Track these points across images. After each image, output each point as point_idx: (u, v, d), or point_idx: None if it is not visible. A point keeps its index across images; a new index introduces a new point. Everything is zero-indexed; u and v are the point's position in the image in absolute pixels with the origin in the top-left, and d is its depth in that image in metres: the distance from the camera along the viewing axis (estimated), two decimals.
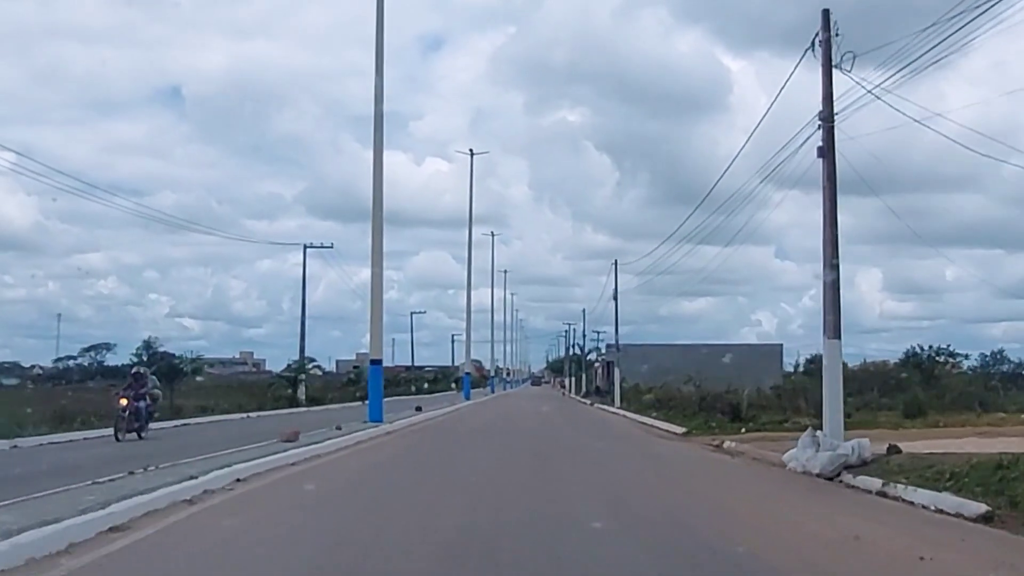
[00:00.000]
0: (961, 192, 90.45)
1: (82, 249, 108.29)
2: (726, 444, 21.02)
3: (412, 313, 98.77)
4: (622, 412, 41.51)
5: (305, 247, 52.71)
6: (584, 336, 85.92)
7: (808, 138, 15.93)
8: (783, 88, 16.73)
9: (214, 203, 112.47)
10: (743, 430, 25.40)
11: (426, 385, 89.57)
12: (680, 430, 27.23)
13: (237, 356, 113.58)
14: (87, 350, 69.56)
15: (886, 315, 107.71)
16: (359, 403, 55.80)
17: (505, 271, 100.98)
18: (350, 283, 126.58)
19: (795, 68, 16.06)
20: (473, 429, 24.27)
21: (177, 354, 40.08)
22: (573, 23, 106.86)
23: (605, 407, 49.08)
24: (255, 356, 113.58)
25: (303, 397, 50.86)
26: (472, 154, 57.63)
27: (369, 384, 23.12)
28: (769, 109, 19.29)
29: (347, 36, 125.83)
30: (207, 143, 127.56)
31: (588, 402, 62.51)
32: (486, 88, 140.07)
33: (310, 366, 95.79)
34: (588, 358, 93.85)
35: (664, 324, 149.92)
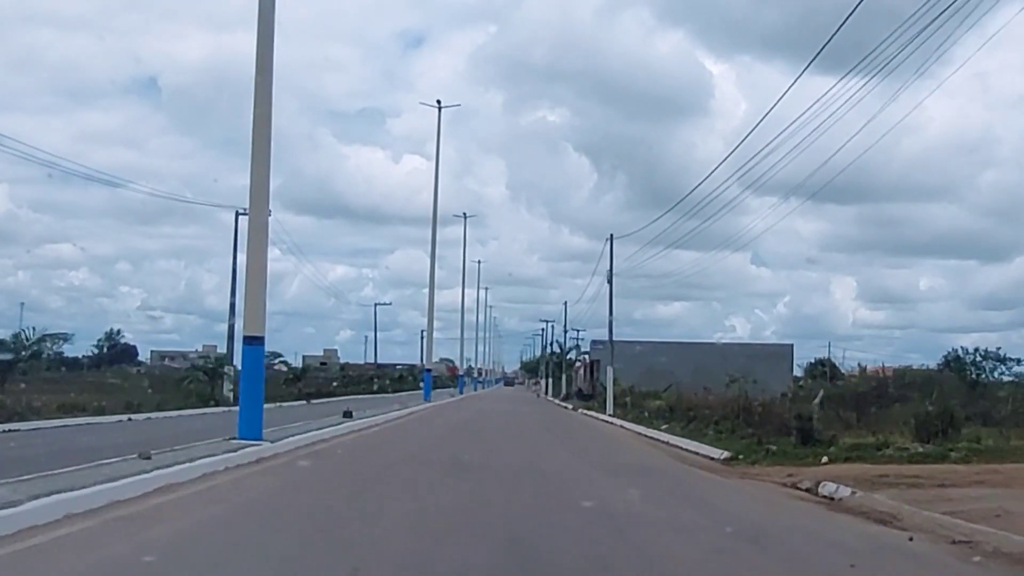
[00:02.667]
0: (936, 202, 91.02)
1: (54, 239, 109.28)
2: (829, 489, 12.30)
3: (376, 304, 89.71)
4: (618, 422, 32.69)
5: (237, 213, 43.66)
6: (565, 332, 76.76)
7: None
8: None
9: (189, 195, 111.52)
10: (825, 460, 16.76)
11: (388, 383, 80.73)
12: (718, 454, 18.65)
13: (199, 349, 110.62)
14: (43, 339, 68.27)
15: (859, 323, 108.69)
16: (302, 403, 47.03)
17: (479, 261, 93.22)
18: (324, 279, 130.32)
19: None
20: (405, 459, 14.98)
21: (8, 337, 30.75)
22: (554, 23, 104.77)
23: (593, 414, 40.32)
24: (219, 349, 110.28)
25: (230, 394, 41.54)
26: (440, 107, 48.71)
27: (241, 378, 14.05)
28: (760, 122, 15.04)
29: (325, 29, 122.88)
30: (183, 134, 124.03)
31: (569, 406, 53.75)
32: (465, 87, 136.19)
33: (275, 361, 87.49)
34: (568, 357, 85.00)
35: (638, 328, 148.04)
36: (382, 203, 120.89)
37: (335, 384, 72.83)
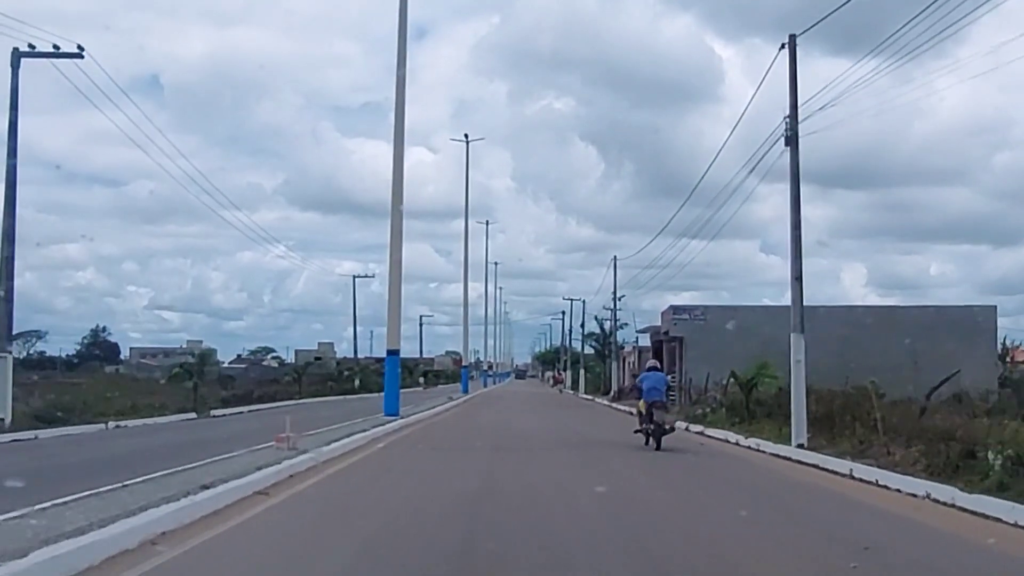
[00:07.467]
0: (948, 186, 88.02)
1: (59, 240, 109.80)
2: None
3: (355, 277, 68.18)
4: (897, 484, 11.09)
5: (16, 53, 22.35)
6: (615, 300, 54.68)
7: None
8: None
9: (192, 194, 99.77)
10: None
11: (375, 379, 59.17)
12: None
13: (183, 346, 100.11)
14: (14, 338, 57.21)
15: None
16: (188, 418, 26.32)
17: (487, 221, 73.51)
18: (331, 276, 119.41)
19: None
20: None
21: None
22: (558, 10, 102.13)
23: (733, 438, 18.89)
24: (204, 345, 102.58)
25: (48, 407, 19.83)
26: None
27: None
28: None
29: (328, 24, 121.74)
30: (186, 132, 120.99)
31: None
32: (470, 78, 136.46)
33: (267, 356, 70.86)
34: (602, 341, 63.35)
35: (648, 318, 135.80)
36: (385, 197, 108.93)
37: (287, 379, 51.57)
